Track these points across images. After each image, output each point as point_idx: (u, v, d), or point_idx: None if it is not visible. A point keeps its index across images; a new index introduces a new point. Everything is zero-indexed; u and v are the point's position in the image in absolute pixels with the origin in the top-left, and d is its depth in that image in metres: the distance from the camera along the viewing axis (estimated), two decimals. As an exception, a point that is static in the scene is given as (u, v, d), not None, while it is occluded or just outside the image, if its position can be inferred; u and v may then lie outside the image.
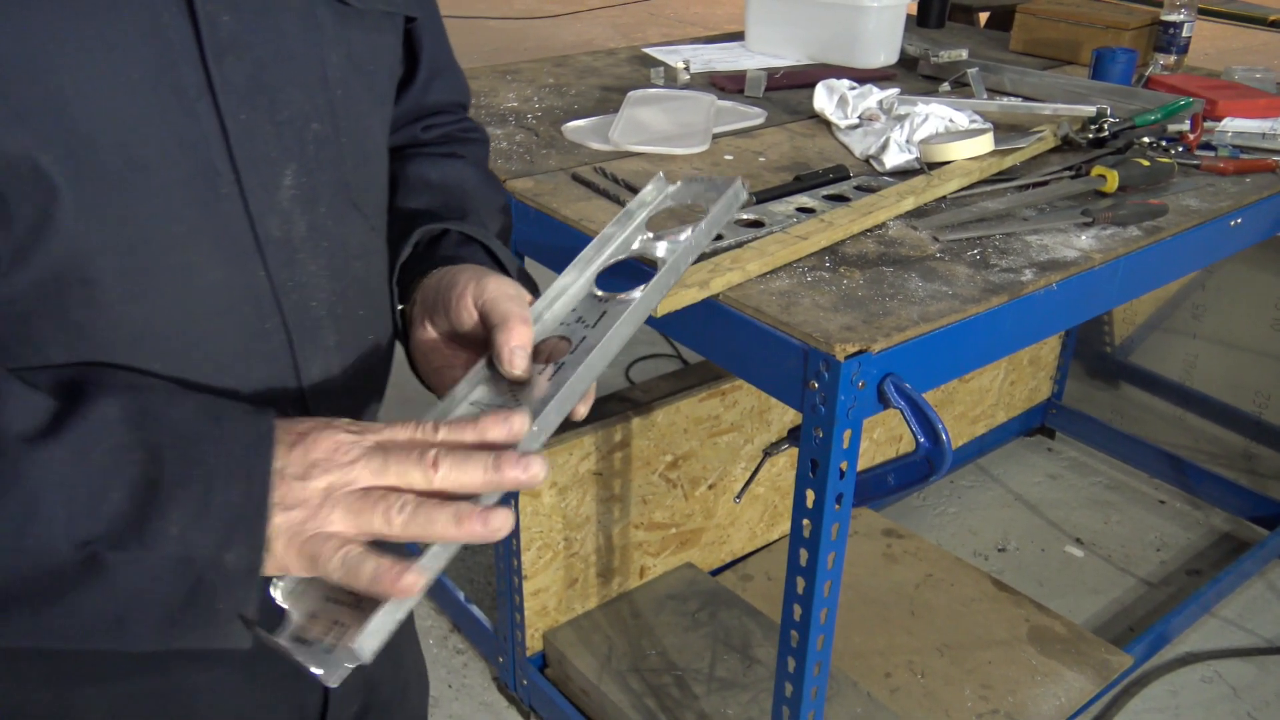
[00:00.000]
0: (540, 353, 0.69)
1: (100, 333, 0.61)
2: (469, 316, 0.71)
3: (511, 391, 0.67)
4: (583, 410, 0.68)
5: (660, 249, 0.77)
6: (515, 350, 0.66)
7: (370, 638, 0.56)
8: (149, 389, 0.59)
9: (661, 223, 0.81)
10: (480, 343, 0.71)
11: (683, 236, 0.76)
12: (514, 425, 0.60)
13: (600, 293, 0.74)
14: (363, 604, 0.58)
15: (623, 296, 0.72)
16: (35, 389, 0.56)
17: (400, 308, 0.80)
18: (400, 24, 0.78)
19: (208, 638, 0.57)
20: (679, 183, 0.82)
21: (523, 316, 0.68)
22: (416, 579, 0.55)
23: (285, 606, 0.59)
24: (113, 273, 0.60)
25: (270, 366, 0.68)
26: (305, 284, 0.69)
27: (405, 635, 1.00)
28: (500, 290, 0.70)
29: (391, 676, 0.96)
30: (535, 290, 0.82)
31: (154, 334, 0.63)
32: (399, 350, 0.83)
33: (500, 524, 0.56)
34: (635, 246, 0.78)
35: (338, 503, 0.57)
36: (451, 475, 0.58)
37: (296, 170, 0.67)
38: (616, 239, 0.79)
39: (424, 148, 0.90)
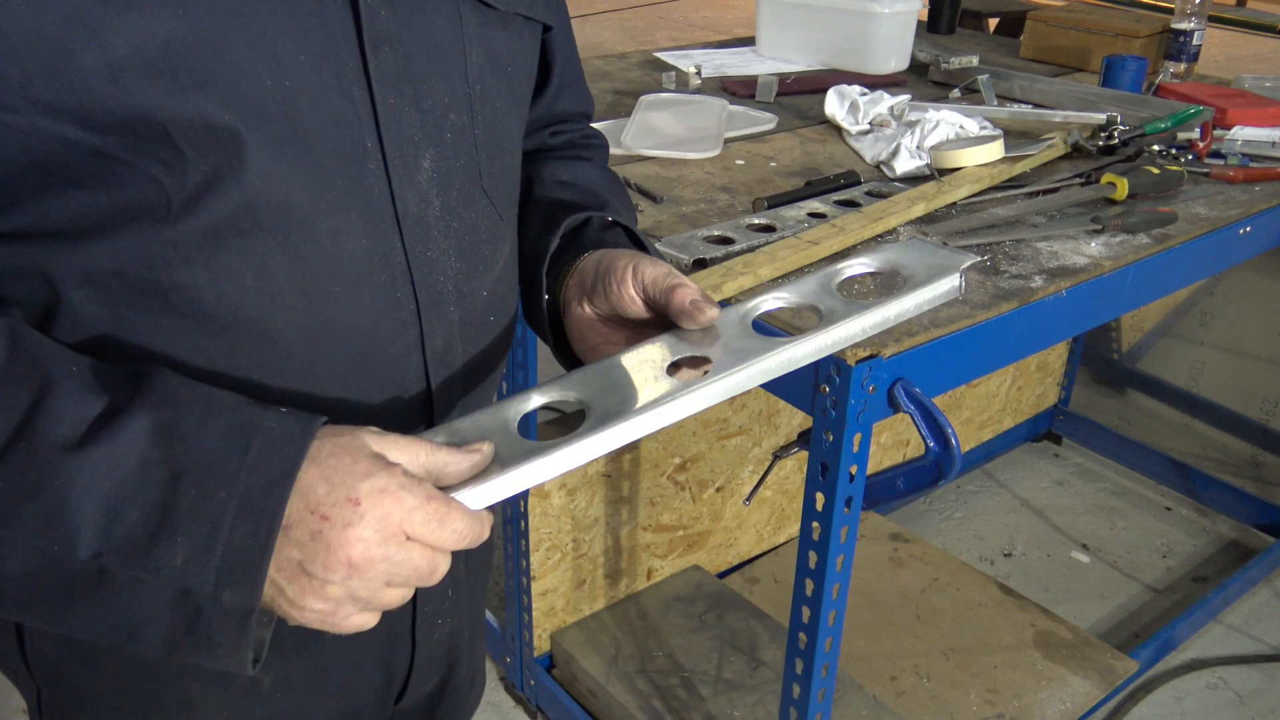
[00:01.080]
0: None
1: (250, 283, 0.65)
2: (631, 301, 0.76)
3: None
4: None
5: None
6: (695, 301, 0.71)
7: None
8: (188, 403, 0.59)
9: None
10: (640, 323, 0.76)
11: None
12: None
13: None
14: None
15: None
16: (84, 390, 0.58)
17: (546, 297, 0.84)
18: (538, 31, 0.84)
19: (212, 661, 0.59)
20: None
21: (685, 282, 0.73)
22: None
23: None
24: (268, 229, 0.64)
25: (398, 333, 0.72)
26: (436, 260, 0.73)
27: (477, 626, 1.03)
28: (658, 270, 0.75)
29: (469, 660, 1.00)
30: None
31: (297, 290, 0.67)
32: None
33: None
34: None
35: (356, 603, 0.60)
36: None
37: (434, 155, 0.72)
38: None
39: (552, 152, 0.96)
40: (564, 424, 0.73)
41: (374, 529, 0.57)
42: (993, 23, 3.89)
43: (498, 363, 0.85)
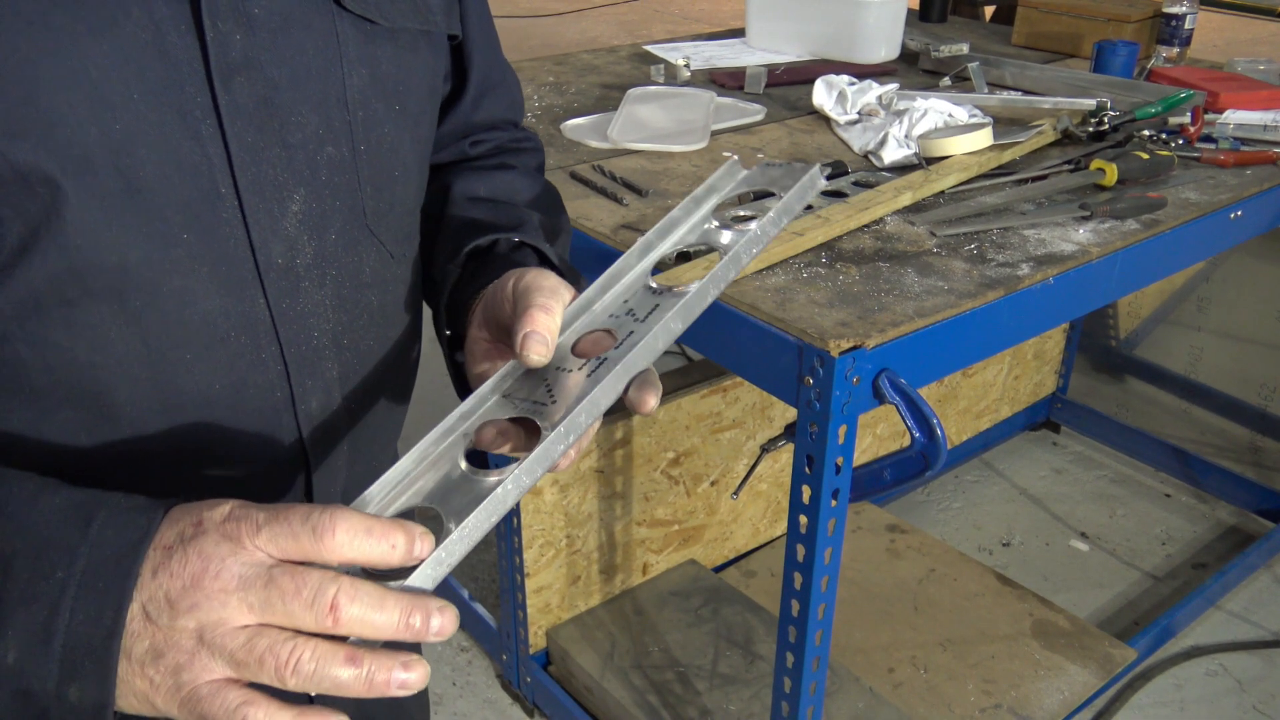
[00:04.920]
0: (583, 346, 0.65)
1: (82, 356, 0.59)
2: (508, 311, 0.67)
3: (547, 385, 0.62)
4: (652, 403, 0.62)
5: (725, 237, 0.70)
6: (528, 336, 0.61)
7: None
8: (17, 479, 0.53)
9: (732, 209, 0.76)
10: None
11: (751, 225, 0.68)
12: (417, 547, 0.50)
13: (655, 284, 0.68)
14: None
15: (679, 288, 0.66)
16: None
17: (448, 332, 0.77)
18: (442, 42, 0.76)
19: None
20: (754, 168, 0.75)
21: (544, 305, 0.63)
22: None
23: None
24: (99, 296, 0.58)
25: (264, 397, 0.66)
26: (308, 313, 0.66)
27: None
28: (534, 281, 0.66)
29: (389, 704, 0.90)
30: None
31: (139, 360, 0.60)
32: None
33: (419, 676, 0.48)
34: (698, 235, 0.72)
35: (215, 649, 0.48)
36: (357, 625, 0.48)
37: (305, 195, 0.64)
38: (682, 224, 0.72)
39: (471, 162, 0.87)
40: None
41: (239, 518, 0.50)
42: (989, 11, 3.87)
43: (393, 415, 0.78)
